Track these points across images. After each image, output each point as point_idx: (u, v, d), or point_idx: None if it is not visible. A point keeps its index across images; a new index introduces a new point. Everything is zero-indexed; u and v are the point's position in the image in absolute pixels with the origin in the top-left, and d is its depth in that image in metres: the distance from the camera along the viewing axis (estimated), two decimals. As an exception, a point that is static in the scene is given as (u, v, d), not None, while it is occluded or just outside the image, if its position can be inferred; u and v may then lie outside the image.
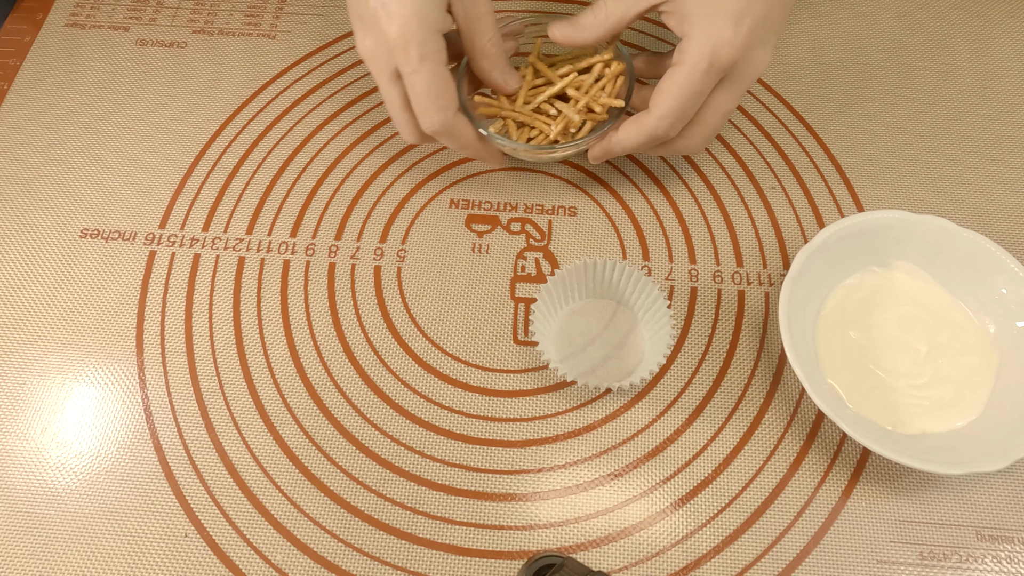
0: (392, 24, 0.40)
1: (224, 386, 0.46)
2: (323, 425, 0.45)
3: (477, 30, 0.44)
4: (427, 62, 0.41)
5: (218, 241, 0.51)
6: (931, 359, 0.44)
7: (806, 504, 0.42)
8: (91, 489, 0.44)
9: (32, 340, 0.48)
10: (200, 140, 0.55)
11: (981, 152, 0.53)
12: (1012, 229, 0.50)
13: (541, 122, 0.47)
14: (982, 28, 0.58)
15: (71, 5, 0.61)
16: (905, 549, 0.41)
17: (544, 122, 0.47)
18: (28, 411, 0.46)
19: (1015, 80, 0.56)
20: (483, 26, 0.44)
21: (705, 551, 0.41)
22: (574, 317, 0.47)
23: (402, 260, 0.50)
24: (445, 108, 0.43)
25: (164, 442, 0.45)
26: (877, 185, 0.52)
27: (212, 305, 0.49)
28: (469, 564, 0.41)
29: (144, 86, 0.57)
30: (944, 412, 0.43)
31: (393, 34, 0.40)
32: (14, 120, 0.56)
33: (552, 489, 0.43)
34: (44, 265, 0.50)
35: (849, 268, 0.47)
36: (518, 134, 0.47)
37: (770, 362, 0.46)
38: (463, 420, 0.45)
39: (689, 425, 0.45)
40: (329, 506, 0.43)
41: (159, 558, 0.42)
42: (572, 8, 0.59)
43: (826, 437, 0.44)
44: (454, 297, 0.49)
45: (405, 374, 0.47)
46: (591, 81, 0.47)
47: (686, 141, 0.45)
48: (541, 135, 0.47)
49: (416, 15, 0.40)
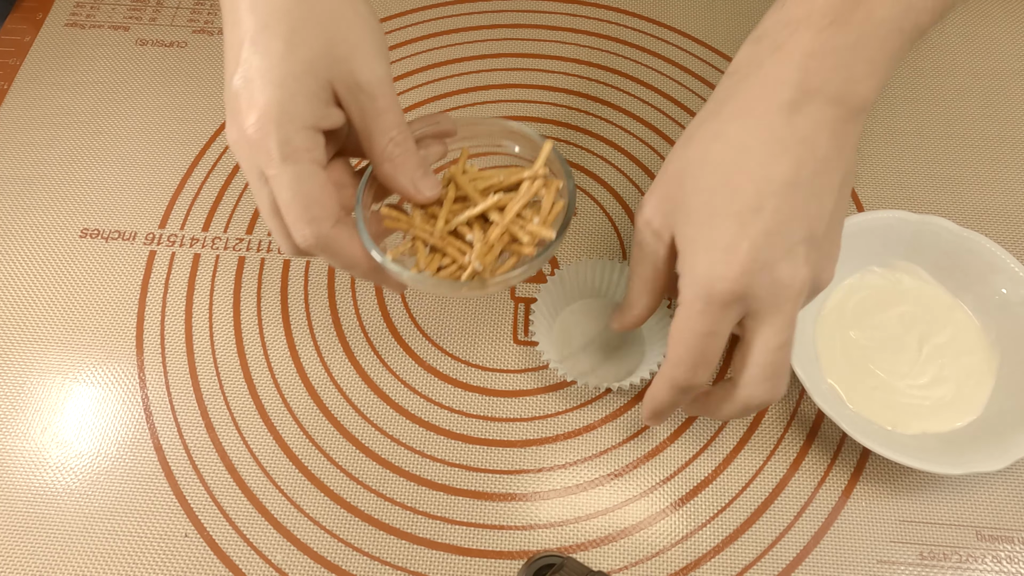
0: (251, 115, 0.33)
1: (224, 386, 0.46)
2: (323, 425, 0.45)
3: (376, 129, 0.35)
4: (290, 164, 0.33)
5: (218, 241, 0.51)
6: (931, 359, 0.44)
7: (806, 504, 0.42)
8: (91, 489, 0.44)
9: (32, 340, 0.48)
10: (200, 140, 0.55)
11: (981, 152, 0.53)
12: (1012, 229, 0.50)
13: (455, 249, 0.38)
14: (982, 28, 0.58)
15: (71, 5, 0.61)
16: (905, 549, 0.41)
17: (458, 249, 0.38)
18: (28, 411, 0.46)
19: (1015, 80, 0.56)
20: (383, 124, 0.35)
21: (705, 551, 0.41)
22: (574, 317, 0.47)
23: (402, 260, 0.50)
24: (317, 220, 0.34)
25: (164, 442, 0.45)
26: (877, 185, 0.52)
27: (212, 305, 0.49)
28: (469, 564, 0.41)
29: (144, 86, 0.57)
30: (944, 412, 0.43)
31: (250, 128, 0.33)
32: (14, 120, 0.56)
33: (552, 489, 0.43)
34: (44, 265, 0.50)
35: (849, 268, 0.47)
36: (427, 259, 0.38)
37: (770, 362, 0.46)
38: (463, 420, 0.45)
39: (689, 425, 0.45)
40: (329, 506, 0.43)
41: (159, 558, 0.42)
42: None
43: (826, 437, 0.44)
44: (454, 297, 0.49)
45: (405, 374, 0.47)
46: (520, 203, 0.38)
47: (748, 388, 0.35)
48: (455, 264, 0.38)
49: (278, 106, 0.32)
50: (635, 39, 0.58)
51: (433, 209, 0.39)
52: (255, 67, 0.33)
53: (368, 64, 0.34)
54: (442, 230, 0.38)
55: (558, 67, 0.57)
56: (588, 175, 0.53)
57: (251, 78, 0.33)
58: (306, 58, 0.33)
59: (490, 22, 0.59)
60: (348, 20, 0.34)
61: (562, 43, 0.58)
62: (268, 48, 0.33)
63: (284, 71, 0.33)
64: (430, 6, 0.60)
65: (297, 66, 0.33)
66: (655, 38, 0.58)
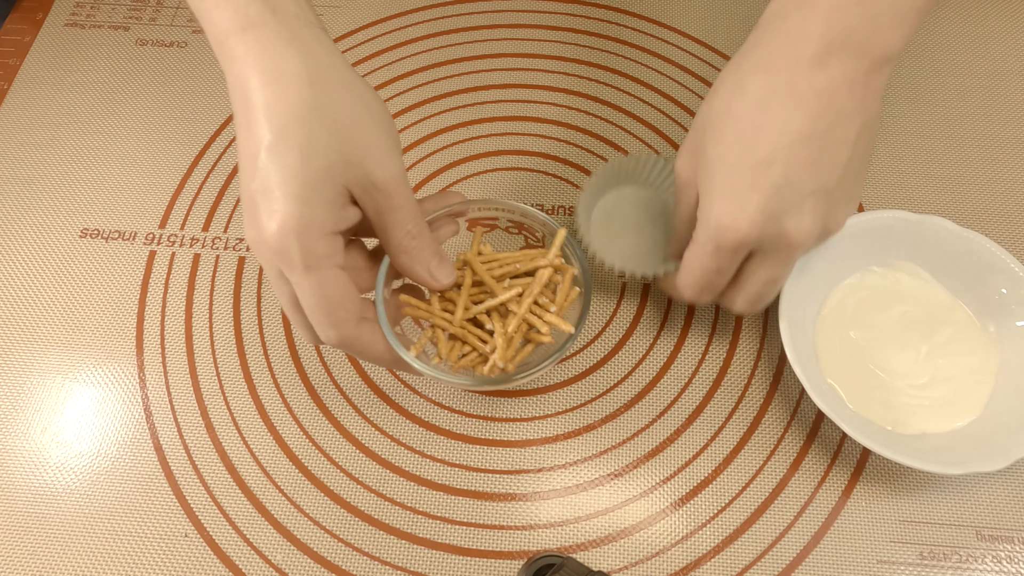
0: (271, 224, 0.33)
1: (224, 386, 0.46)
2: (323, 425, 0.45)
3: (391, 224, 0.36)
4: (313, 271, 0.33)
5: (218, 241, 0.51)
6: (931, 359, 0.44)
7: (806, 504, 0.42)
8: (91, 489, 0.44)
9: (32, 340, 0.48)
10: (200, 140, 0.55)
11: (981, 152, 0.53)
12: (1012, 229, 0.50)
13: (475, 338, 0.39)
14: (982, 28, 0.58)
15: (71, 5, 0.61)
16: (905, 549, 0.41)
17: (478, 338, 0.39)
18: (28, 411, 0.46)
19: (1015, 80, 0.56)
20: (399, 219, 0.36)
21: (705, 551, 0.41)
22: (615, 203, 0.48)
23: (402, 260, 0.50)
24: (341, 323, 0.35)
25: (164, 442, 0.45)
26: (877, 185, 0.52)
27: (212, 305, 0.49)
28: (469, 564, 0.41)
29: (144, 86, 0.57)
30: (944, 412, 0.43)
31: (271, 236, 0.33)
32: (14, 120, 0.56)
33: (552, 489, 0.43)
34: (44, 265, 0.50)
35: (849, 268, 0.47)
36: (448, 347, 0.40)
37: (770, 362, 0.46)
38: (463, 420, 0.45)
39: (689, 425, 0.45)
40: (329, 506, 0.43)
41: (159, 558, 0.42)
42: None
43: (826, 437, 0.44)
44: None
45: (405, 374, 0.47)
46: (535, 292, 0.39)
47: (730, 304, 0.41)
48: (475, 353, 0.40)
49: (298, 218, 0.32)
50: (635, 39, 0.58)
51: (451, 294, 0.40)
52: (273, 179, 0.33)
53: (382, 164, 0.35)
54: (461, 319, 0.39)
55: (558, 67, 0.57)
56: (588, 175, 0.53)
57: (270, 188, 0.33)
58: (322, 167, 0.33)
59: (490, 22, 0.59)
60: (362, 122, 0.35)
61: (562, 43, 0.58)
62: (285, 160, 0.33)
63: (302, 182, 0.33)
64: (430, 6, 0.60)
65: (314, 175, 0.33)
66: (655, 38, 0.58)
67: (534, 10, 0.60)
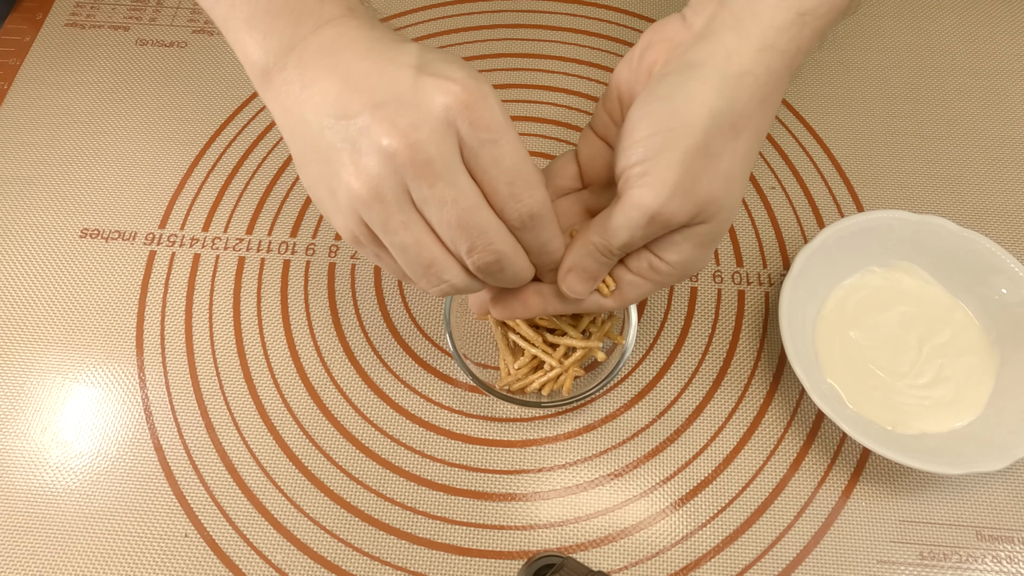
0: (447, 95, 0.29)
1: (224, 386, 0.46)
2: (323, 425, 0.45)
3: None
4: (512, 128, 0.30)
5: (218, 241, 0.51)
6: (931, 359, 0.44)
7: (806, 504, 0.42)
8: (91, 489, 0.44)
9: (32, 340, 0.48)
10: (200, 140, 0.55)
11: (981, 152, 0.53)
12: (1012, 229, 0.50)
13: (542, 349, 0.42)
14: (982, 28, 0.58)
15: (71, 5, 0.61)
16: (905, 549, 0.41)
17: (545, 350, 0.42)
18: (28, 411, 0.46)
19: (1015, 80, 0.56)
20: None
21: (705, 551, 0.41)
22: None
23: (402, 260, 0.50)
24: (540, 184, 0.31)
25: (164, 442, 0.45)
26: (877, 185, 0.52)
27: (212, 305, 0.49)
28: (469, 564, 0.41)
29: (144, 86, 0.57)
30: (944, 412, 0.43)
31: (457, 101, 0.29)
32: (14, 120, 0.56)
33: (552, 489, 0.43)
34: (44, 265, 0.50)
35: (849, 268, 0.47)
36: (505, 356, 0.43)
37: (770, 362, 0.46)
38: (463, 420, 0.45)
39: (689, 425, 0.45)
40: (329, 506, 0.43)
41: (159, 558, 0.42)
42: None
43: (826, 437, 0.44)
44: (454, 296, 0.49)
45: (405, 374, 0.47)
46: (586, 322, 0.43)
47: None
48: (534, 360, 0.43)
49: (479, 81, 0.30)
50: (635, 39, 0.58)
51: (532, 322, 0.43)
52: (439, 62, 0.30)
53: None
54: (538, 335, 0.43)
55: (558, 67, 0.57)
56: (588, 175, 0.53)
57: (438, 67, 0.30)
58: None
59: (490, 22, 0.59)
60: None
61: (562, 43, 0.58)
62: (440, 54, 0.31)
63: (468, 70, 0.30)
64: (430, 6, 0.60)
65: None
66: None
67: (534, 10, 0.60)
